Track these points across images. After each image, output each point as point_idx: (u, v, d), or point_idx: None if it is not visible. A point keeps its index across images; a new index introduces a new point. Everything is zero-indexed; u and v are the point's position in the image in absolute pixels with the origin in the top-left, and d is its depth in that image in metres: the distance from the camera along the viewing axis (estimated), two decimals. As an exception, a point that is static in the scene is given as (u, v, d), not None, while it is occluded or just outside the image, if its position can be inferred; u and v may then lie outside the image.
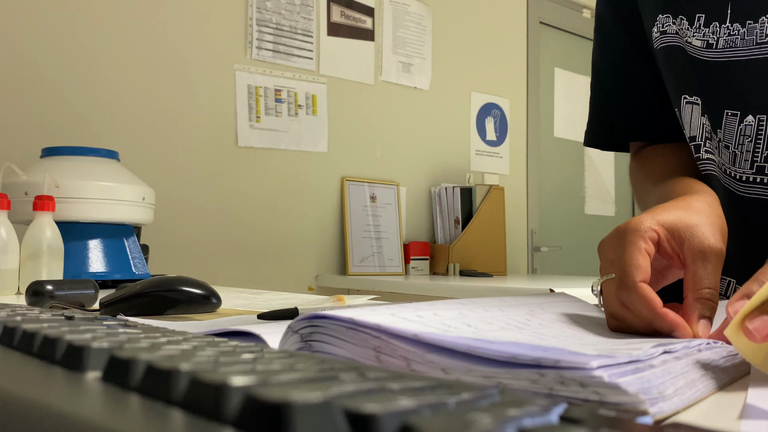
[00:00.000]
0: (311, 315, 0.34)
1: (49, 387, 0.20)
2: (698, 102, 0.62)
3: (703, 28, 0.59)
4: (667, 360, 0.30)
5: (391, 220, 2.29)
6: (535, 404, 0.18)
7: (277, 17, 2.10)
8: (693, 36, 0.59)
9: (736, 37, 0.57)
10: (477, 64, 2.66)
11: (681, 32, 0.61)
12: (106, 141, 1.70)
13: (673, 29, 0.62)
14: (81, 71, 1.73)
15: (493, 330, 0.36)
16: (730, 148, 0.59)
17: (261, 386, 0.17)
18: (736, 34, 0.57)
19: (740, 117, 0.58)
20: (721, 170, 0.61)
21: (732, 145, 0.59)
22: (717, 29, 0.58)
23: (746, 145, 0.58)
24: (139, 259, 1.15)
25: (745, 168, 0.59)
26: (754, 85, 0.57)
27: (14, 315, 0.37)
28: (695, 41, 0.59)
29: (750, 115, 0.58)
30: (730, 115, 0.59)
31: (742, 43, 0.57)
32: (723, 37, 0.57)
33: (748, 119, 0.58)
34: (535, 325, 0.42)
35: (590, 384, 0.25)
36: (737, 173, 0.60)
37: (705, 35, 0.59)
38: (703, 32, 0.59)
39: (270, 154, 2.07)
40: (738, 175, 0.60)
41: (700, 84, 0.61)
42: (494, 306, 0.45)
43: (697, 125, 0.63)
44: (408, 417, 0.15)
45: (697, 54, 0.60)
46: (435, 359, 0.29)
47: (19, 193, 1.08)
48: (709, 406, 0.30)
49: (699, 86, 0.61)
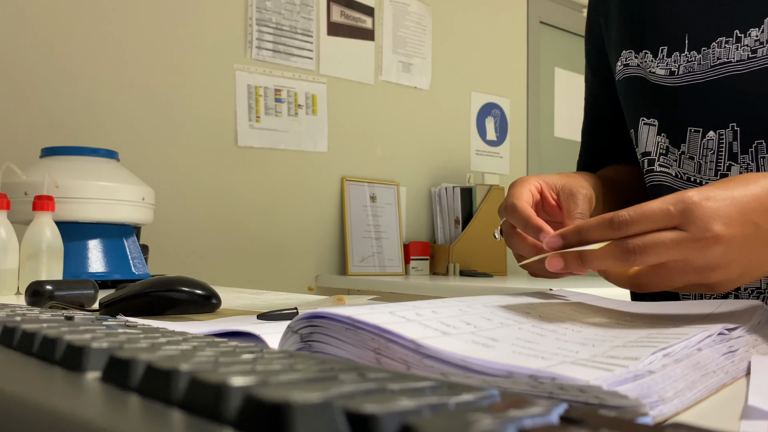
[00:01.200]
0: (311, 314, 0.34)
1: (49, 387, 0.20)
2: (655, 123, 0.70)
3: (666, 59, 0.67)
4: (666, 364, 0.30)
5: (391, 220, 2.29)
6: (536, 405, 0.18)
7: (277, 17, 2.10)
8: (657, 66, 0.68)
9: (693, 63, 0.65)
10: (477, 64, 2.66)
11: (644, 64, 0.69)
12: (105, 141, 1.70)
13: (635, 62, 0.71)
14: (81, 71, 1.73)
15: (493, 327, 0.36)
16: (695, 159, 0.67)
17: (261, 386, 0.17)
18: (693, 60, 0.65)
19: (702, 132, 0.66)
20: (681, 179, 0.69)
21: (697, 156, 0.67)
22: (678, 58, 0.66)
23: (709, 156, 0.66)
24: (138, 259, 1.15)
25: (710, 175, 0.66)
26: (711, 104, 0.65)
27: (14, 315, 0.37)
28: (659, 71, 0.67)
29: (711, 130, 0.65)
30: (693, 131, 0.67)
31: (698, 67, 0.64)
32: (683, 64, 0.65)
33: (709, 134, 0.66)
34: (535, 318, 0.42)
35: (590, 390, 0.25)
36: (703, 179, 0.67)
37: (668, 64, 0.67)
38: (666, 62, 0.67)
39: (270, 154, 2.07)
40: (704, 181, 0.67)
41: (660, 107, 0.69)
42: (493, 302, 0.45)
43: (653, 143, 0.71)
44: (408, 417, 0.15)
45: (659, 81, 0.68)
46: (434, 364, 0.29)
47: (18, 193, 1.08)
48: (710, 407, 0.30)
49: (659, 109, 0.69)
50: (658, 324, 0.42)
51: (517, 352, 0.30)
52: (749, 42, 0.59)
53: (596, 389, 0.25)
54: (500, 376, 0.27)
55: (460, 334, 0.33)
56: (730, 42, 0.61)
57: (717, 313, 0.47)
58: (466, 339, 0.32)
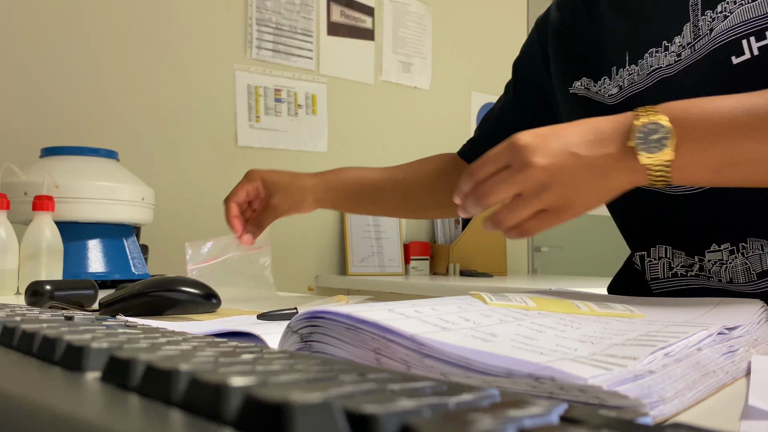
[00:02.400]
0: (310, 313, 0.34)
1: (49, 387, 0.20)
2: None
3: (615, 77, 0.73)
4: (667, 364, 0.30)
5: (391, 220, 2.29)
6: (536, 405, 0.18)
7: (277, 17, 2.10)
8: (612, 86, 0.73)
9: (633, 75, 0.71)
10: (477, 64, 2.66)
11: (602, 91, 0.75)
12: (105, 141, 1.70)
13: (593, 89, 0.76)
14: (80, 71, 1.73)
15: (491, 323, 0.36)
16: None
17: (261, 387, 0.17)
18: (633, 73, 0.71)
19: None
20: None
21: None
22: (622, 73, 0.72)
23: None
24: (138, 259, 1.15)
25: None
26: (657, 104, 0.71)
27: (14, 315, 0.37)
28: (612, 89, 0.73)
29: None
30: None
31: (638, 78, 0.70)
32: (626, 78, 0.72)
33: None
34: (533, 314, 0.42)
35: (590, 390, 0.25)
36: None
37: (617, 82, 0.73)
38: (615, 80, 0.73)
39: (270, 154, 2.07)
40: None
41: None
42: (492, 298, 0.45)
43: None
44: (408, 417, 0.15)
45: (611, 101, 0.73)
46: (433, 364, 0.29)
47: (18, 193, 1.08)
48: (710, 407, 0.30)
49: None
50: (656, 322, 0.42)
51: (516, 347, 0.30)
52: (674, 48, 0.67)
53: (596, 389, 0.25)
54: (500, 376, 0.27)
55: (459, 330, 0.33)
56: (659, 51, 0.68)
57: (716, 310, 0.47)
58: (465, 334, 0.32)
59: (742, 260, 0.66)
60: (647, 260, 0.75)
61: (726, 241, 0.67)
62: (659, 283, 0.74)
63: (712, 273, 0.68)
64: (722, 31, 0.62)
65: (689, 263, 0.71)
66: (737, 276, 0.66)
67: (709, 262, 0.68)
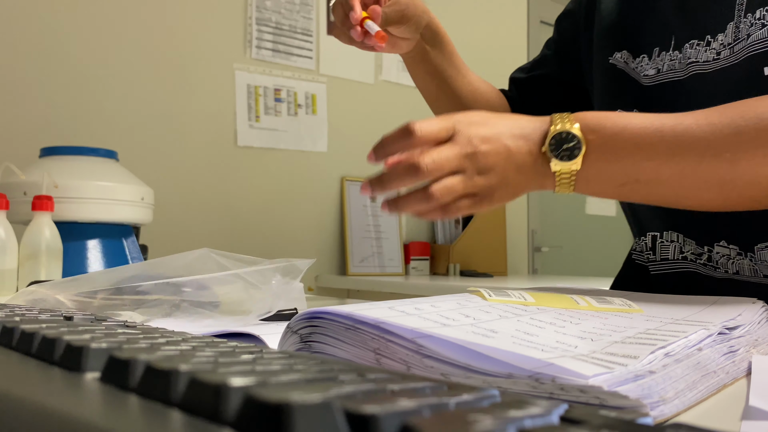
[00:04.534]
0: (310, 313, 0.34)
1: (48, 387, 0.20)
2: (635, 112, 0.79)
3: (655, 58, 0.73)
4: (667, 364, 0.29)
5: (391, 220, 2.29)
6: (536, 405, 0.18)
7: (277, 16, 2.10)
8: (649, 67, 0.73)
9: (675, 61, 0.70)
10: (477, 64, 2.66)
11: (639, 69, 0.74)
12: (105, 141, 1.70)
13: (629, 63, 0.76)
14: (80, 71, 1.73)
15: (491, 319, 0.36)
16: None
17: (260, 387, 0.17)
18: (675, 59, 0.70)
19: None
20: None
21: None
22: (664, 57, 0.72)
23: None
24: (138, 259, 1.15)
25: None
26: (688, 98, 0.70)
27: (13, 315, 0.37)
28: (650, 71, 0.73)
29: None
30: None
31: (678, 66, 0.70)
32: (666, 62, 0.71)
33: None
34: (532, 309, 0.42)
35: (590, 391, 0.25)
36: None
37: (656, 65, 0.72)
38: (655, 62, 0.73)
39: (269, 153, 2.07)
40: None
41: (644, 101, 0.74)
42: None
43: None
44: (408, 417, 0.15)
45: (646, 81, 0.73)
46: (434, 365, 0.29)
47: (17, 193, 1.08)
48: (710, 407, 0.30)
49: (642, 102, 0.74)
50: (655, 318, 0.42)
51: (516, 344, 0.30)
52: (715, 45, 0.67)
53: (597, 390, 0.25)
54: (501, 377, 0.27)
55: (459, 326, 0.33)
56: (701, 45, 0.68)
57: (713, 308, 0.47)
58: (465, 330, 0.32)
59: (750, 264, 0.66)
60: (659, 240, 0.76)
61: (735, 244, 0.68)
62: (667, 264, 0.75)
63: (719, 264, 0.69)
64: (757, 39, 0.62)
65: (699, 252, 0.72)
66: (743, 270, 0.67)
67: (717, 254, 0.70)
